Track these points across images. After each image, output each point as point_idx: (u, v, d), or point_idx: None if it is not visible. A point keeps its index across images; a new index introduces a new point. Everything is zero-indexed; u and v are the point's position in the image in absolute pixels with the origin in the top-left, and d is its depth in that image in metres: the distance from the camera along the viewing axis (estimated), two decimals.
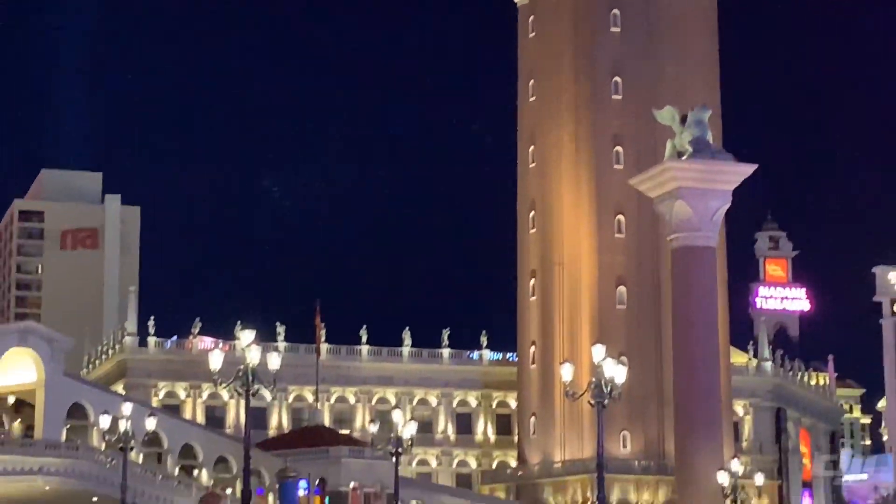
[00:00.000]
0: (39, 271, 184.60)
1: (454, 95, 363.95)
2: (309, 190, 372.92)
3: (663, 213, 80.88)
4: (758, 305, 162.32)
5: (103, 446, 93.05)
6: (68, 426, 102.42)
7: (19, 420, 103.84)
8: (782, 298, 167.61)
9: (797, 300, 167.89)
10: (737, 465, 79.28)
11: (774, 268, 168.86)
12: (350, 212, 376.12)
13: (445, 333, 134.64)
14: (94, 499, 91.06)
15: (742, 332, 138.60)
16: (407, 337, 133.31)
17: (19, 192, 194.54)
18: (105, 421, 78.94)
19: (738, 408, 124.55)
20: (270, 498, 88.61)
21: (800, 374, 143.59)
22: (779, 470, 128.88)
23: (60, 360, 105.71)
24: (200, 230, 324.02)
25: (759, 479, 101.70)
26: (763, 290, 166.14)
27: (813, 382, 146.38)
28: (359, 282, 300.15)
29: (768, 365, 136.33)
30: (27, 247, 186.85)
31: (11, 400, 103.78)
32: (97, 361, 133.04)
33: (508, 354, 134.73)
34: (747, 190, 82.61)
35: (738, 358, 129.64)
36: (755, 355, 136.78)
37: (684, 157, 75.15)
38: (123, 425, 69.82)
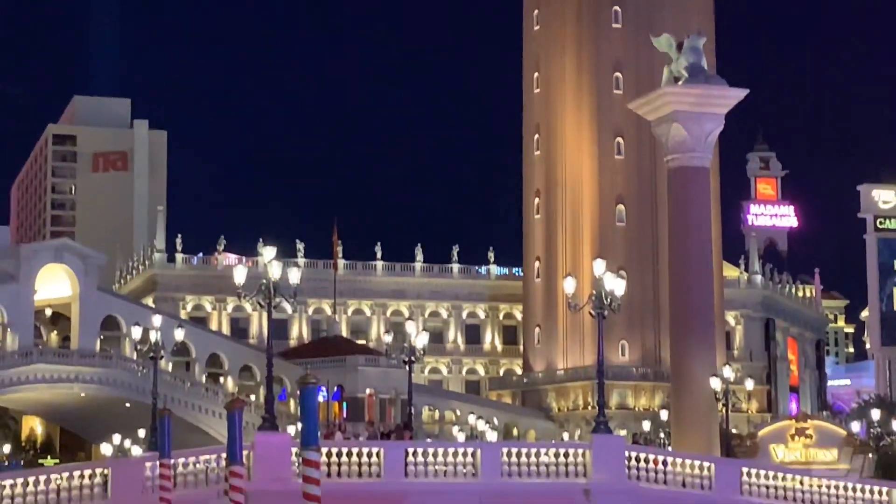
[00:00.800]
0: (73, 192, 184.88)
1: (464, 29, 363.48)
2: (326, 111, 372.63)
3: (660, 136, 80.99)
4: (749, 222, 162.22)
5: (135, 356, 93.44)
6: (102, 337, 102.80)
7: (56, 331, 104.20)
8: (772, 216, 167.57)
9: (786, 217, 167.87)
10: (728, 372, 79.34)
11: (765, 187, 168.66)
12: (366, 132, 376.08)
13: (455, 249, 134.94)
14: (127, 405, 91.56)
15: (734, 248, 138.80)
16: (419, 253, 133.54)
17: (53, 118, 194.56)
18: (136, 332, 79.18)
19: (730, 318, 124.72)
20: (292, 403, 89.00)
21: (788, 286, 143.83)
22: (767, 376, 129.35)
23: (94, 276, 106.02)
24: (225, 153, 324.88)
25: (749, 384, 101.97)
26: (754, 208, 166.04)
27: (800, 294, 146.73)
28: (373, 201, 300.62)
29: (758, 278, 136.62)
30: (61, 169, 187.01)
31: (48, 312, 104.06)
32: (128, 276, 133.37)
33: (514, 269, 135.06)
34: (739, 113, 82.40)
35: (730, 272, 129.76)
36: (746, 269, 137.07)
37: (680, 83, 74.98)
38: (154, 336, 69.97)
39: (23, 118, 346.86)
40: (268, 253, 47.02)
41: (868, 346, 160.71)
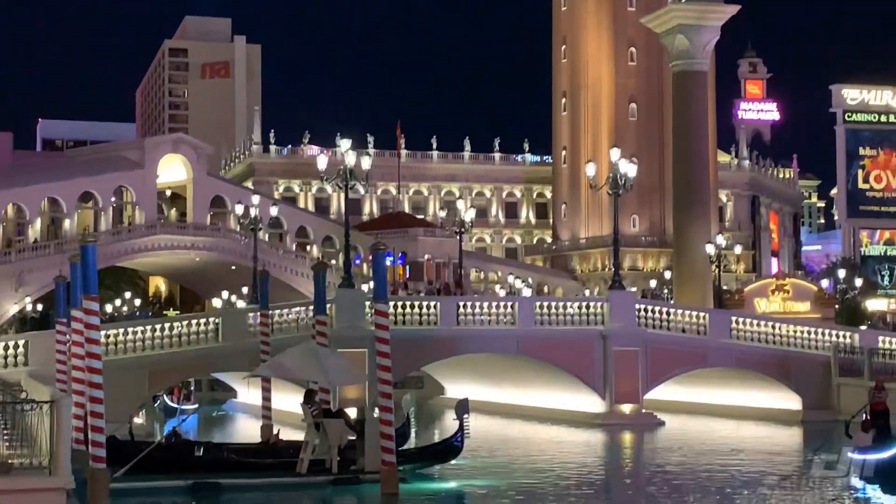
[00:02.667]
0: (185, 96, 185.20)
1: None
2: (393, 28, 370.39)
3: (667, 45, 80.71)
4: (738, 117, 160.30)
5: (238, 228, 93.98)
6: (211, 213, 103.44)
7: (174, 209, 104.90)
8: (758, 111, 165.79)
9: (770, 112, 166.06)
10: (721, 239, 78.95)
11: (752, 87, 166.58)
12: (424, 46, 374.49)
13: (497, 141, 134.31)
14: (233, 267, 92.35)
15: (726, 138, 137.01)
16: (467, 144, 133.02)
17: (168, 34, 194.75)
18: (239, 209, 79.64)
19: (722, 196, 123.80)
20: (365, 266, 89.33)
21: (770, 169, 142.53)
22: (753, 243, 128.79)
23: (203, 163, 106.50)
24: (309, 62, 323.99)
25: (738, 249, 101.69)
26: (743, 105, 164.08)
27: (780, 176, 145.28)
28: (430, 101, 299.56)
29: (746, 163, 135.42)
30: (175, 77, 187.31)
31: (168, 193, 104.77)
32: (231, 164, 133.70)
33: (545, 157, 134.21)
34: (733, 25, 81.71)
35: (723, 157, 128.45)
36: (736, 155, 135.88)
37: (683, 1, 74.45)
38: (253, 212, 70.30)
39: (142, 35, 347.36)
40: (344, 144, 47.13)
41: (836, 217, 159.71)
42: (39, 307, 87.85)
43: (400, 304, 45.79)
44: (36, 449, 22.55)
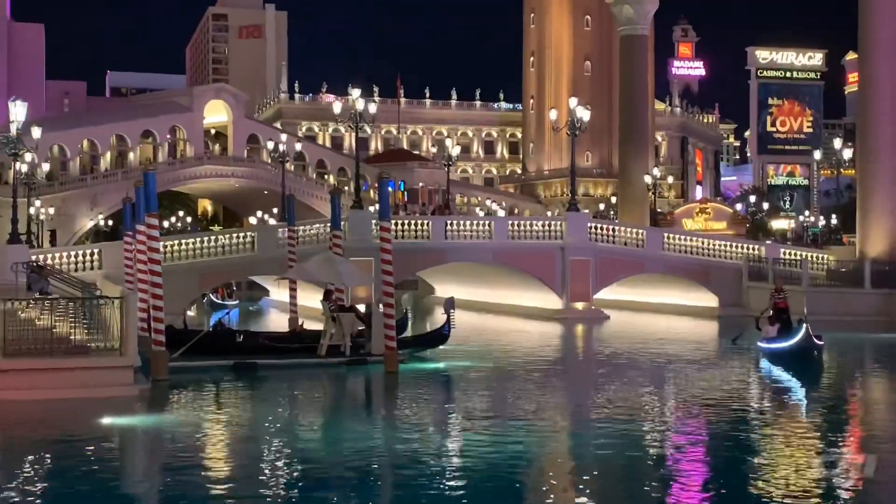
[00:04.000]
0: (226, 52, 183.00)
1: None
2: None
3: (615, 14, 79.97)
4: (672, 73, 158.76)
5: (269, 160, 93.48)
6: (248, 148, 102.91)
7: (218, 144, 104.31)
8: (688, 68, 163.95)
9: (697, 69, 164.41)
10: (656, 171, 79.04)
11: (684, 48, 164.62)
12: (421, 14, 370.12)
13: (477, 91, 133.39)
14: (265, 192, 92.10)
15: (662, 90, 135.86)
16: (454, 93, 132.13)
17: (211, 2, 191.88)
18: (270, 145, 79.24)
19: (658, 136, 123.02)
20: (371, 192, 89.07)
21: (697, 115, 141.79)
22: (682, 174, 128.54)
23: (241, 108, 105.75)
24: (328, 25, 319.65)
25: (670, 179, 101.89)
26: (676, 63, 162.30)
27: (705, 121, 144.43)
28: (424, 58, 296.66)
29: (677, 110, 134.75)
30: (217, 37, 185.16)
31: (213, 132, 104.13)
32: (263, 109, 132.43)
33: (516, 104, 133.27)
34: None
35: (659, 106, 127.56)
36: (670, 104, 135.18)
37: None
38: (281, 147, 69.94)
39: (191, 2, 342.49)
40: (355, 93, 46.90)
41: (748, 154, 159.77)
42: (110, 223, 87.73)
43: (400, 222, 45.81)
44: (109, 335, 22.61)
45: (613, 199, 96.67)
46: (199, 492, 14.24)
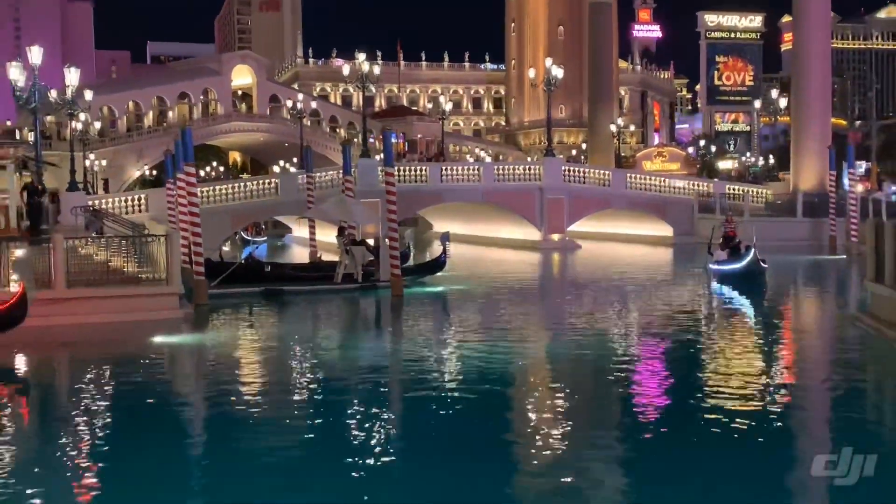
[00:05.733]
0: (249, 23, 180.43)
1: None
2: None
3: None
4: (633, 35, 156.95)
5: (289, 117, 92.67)
6: (270, 106, 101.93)
7: (244, 103, 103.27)
8: (647, 31, 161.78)
9: (655, 32, 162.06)
10: (620, 121, 78.58)
11: (644, 14, 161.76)
12: None
13: (466, 54, 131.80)
14: (286, 144, 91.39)
15: (625, 51, 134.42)
16: (446, 56, 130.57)
17: None
18: (289, 104, 78.55)
19: (622, 91, 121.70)
20: (377, 143, 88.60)
21: (655, 72, 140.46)
22: (642, 122, 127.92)
23: (263, 71, 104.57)
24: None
25: (632, 127, 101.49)
26: (637, 27, 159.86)
27: (661, 76, 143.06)
28: (419, 25, 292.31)
29: (638, 68, 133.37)
30: (242, 10, 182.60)
31: (239, 93, 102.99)
32: (282, 72, 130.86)
33: (500, 65, 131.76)
34: None
35: (623, 64, 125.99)
36: (631, 63, 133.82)
37: None
38: (299, 106, 69.30)
39: None
40: (361, 57, 46.26)
41: (699, 105, 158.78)
42: (154, 172, 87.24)
43: (402, 168, 45.59)
44: (156, 267, 22.62)
45: (584, 146, 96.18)
46: (237, 396, 14.37)
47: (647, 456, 10.95)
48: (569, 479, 10.08)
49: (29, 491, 9.75)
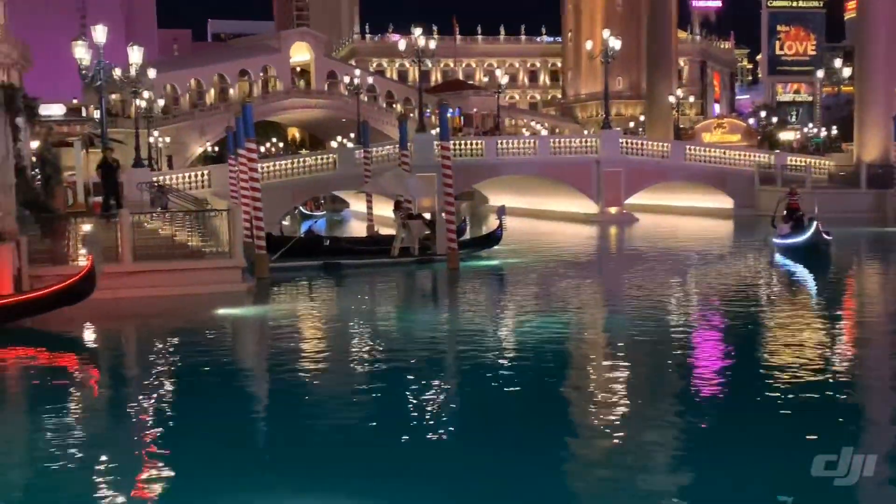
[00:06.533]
0: (307, 1, 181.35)
1: None
2: None
3: None
4: (693, 5, 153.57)
5: (346, 93, 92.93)
6: (327, 83, 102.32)
7: (303, 80, 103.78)
8: (707, 1, 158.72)
9: (715, 2, 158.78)
10: (679, 92, 77.35)
11: None
12: None
13: (523, 27, 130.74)
14: (343, 120, 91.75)
15: (684, 21, 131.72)
16: (502, 30, 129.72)
17: None
18: (346, 80, 78.75)
19: (681, 61, 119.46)
20: (433, 118, 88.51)
21: (714, 42, 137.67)
22: (701, 94, 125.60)
23: (321, 48, 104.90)
24: None
25: (691, 99, 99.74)
26: None
27: (722, 46, 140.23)
28: (477, 2, 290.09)
29: (698, 38, 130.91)
30: None
31: (298, 69, 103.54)
32: (340, 48, 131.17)
33: (557, 37, 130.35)
34: None
35: (682, 35, 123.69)
36: (691, 33, 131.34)
37: None
38: (356, 81, 69.47)
39: None
40: (417, 31, 46.16)
41: (760, 75, 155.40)
42: (216, 149, 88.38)
43: (457, 142, 45.53)
44: (219, 241, 22.97)
45: (642, 118, 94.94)
46: (298, 365, 14.57)
47: (694, 430, 10.83)
48: (621, 445, 10.04)
49: (102, 456, 10.03)
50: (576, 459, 9.97)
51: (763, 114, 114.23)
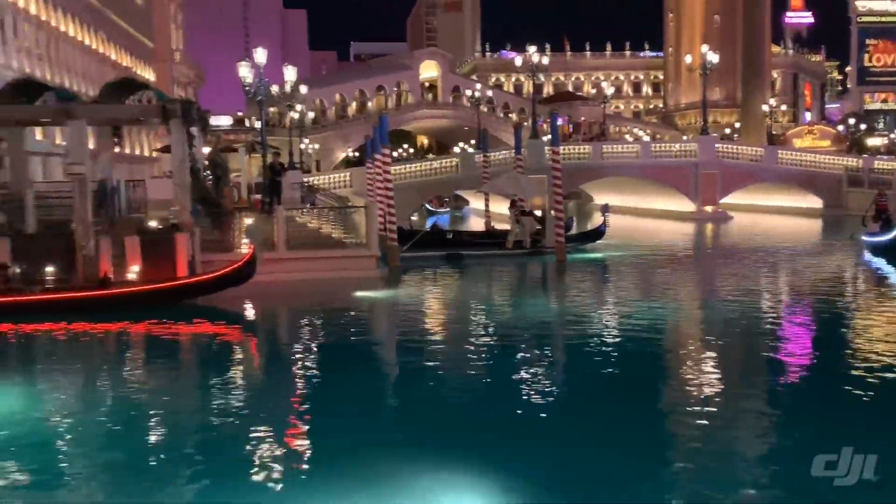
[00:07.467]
0: (435, 24, 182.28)
1: None
2: None
3: None
4: (786, 22, 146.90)
5: (468, 104, 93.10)
6: (452, 96, 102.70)
7: (431, 93, 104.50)
8: (799, 17, 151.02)
9: (807, 17, 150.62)
10: (772, 101, 74.13)
11: (796, 1, 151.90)
12: None
13: (627, 43, 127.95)
14: (465, 128, 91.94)
15: (777, 37, 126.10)
16: (609, 46, 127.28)
17: None
18: (468, 93, 78.88)
19: (774, 73, 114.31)
20: (544, 126, 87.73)
21: (806, 55, 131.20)
22: (794, 103, 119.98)
23: (447, 65, 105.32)
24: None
25: (784, 108, 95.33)
26: (789, 14, 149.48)
27: (813, 59, 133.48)
28: (585, 16, 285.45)
29: (790, 51, 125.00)
30: (429, 12, 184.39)
31: (427, 84, 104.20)
32: (463, 65, 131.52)
33: (658, 52, 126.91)
34: None
35: (775, 49, 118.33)
36: (784, 47, 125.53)
37: None
38: (477, 94, 69.51)
39: None
40: (531, 49, 45.90)
41: (849, 86, 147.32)
42: (356, 154, 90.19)
43: (566, 147, 45.00)
44: (358, 234, 23.39)
45: (737, 125, 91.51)
46: (425, 340, 14.74)
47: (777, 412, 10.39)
48: (711, 425, 9.74)
49: (261, 414, 10.42)
50: (669, 436, 9.72)
51: (852, 121, 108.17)
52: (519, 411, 10.31)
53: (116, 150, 38.43)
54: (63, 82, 50.63)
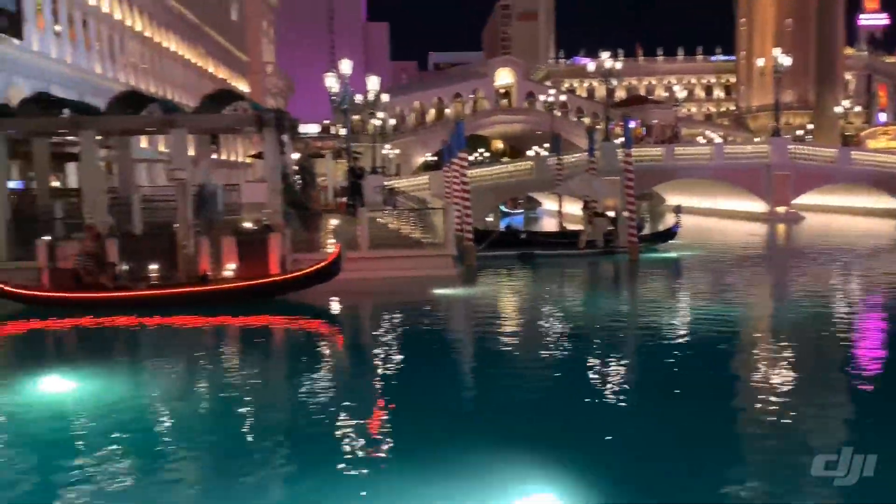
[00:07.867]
0: (510, 32, 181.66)
1: None
2: None
3: None
4: (860, 23, 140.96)
5: (542, 109, 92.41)
6: (526, 101, 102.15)
7: (506, 99, 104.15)
8: (874, 19, 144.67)
9: (882, 20, 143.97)
10: (846, 103, 71.27)
11: (871, 3, 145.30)
12: None
13: (699, 48, 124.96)
14: (539, 132, 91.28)
15: (852, 37, 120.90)
16: (680, 51, 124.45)
17: None
18: (542, 98, 78.26)
19: (848, 75, 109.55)
20: (617, 129, 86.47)
21: (880, 57, 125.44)
22: (867, 104, 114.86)
23: (521, 72, 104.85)
24: (583, 7, 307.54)
25: (857, 108, 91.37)
26: (863, 15, 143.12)
27: (887, 60, 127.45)
28: (658, 24, 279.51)
29: (864, 53, 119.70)
30: (504, 22, 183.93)
31: (502, 91, 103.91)
32: (537, 72, 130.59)
33: (731, 56, 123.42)
34: None
35: (849, 51, 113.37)
36: (857, 48, 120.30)
37: None
38: (550, 99, 68.87)
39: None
40: (604, 55, 45.34)
41: None
42: (434, 158, 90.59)
43: (639, 150, 44.25)
44: (436, 234, 23.54)
45: (810, 127, 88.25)
46: (500, 335, 14.74)
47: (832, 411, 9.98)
48: (779, 421, 9.44)
49: (346, 402, 10.62)
50: (740, 427, 9.48)
51: None
52: (591, 406, 10.22)
53: (214, 156, 39.67)
54: (165, 94, 52.55)
